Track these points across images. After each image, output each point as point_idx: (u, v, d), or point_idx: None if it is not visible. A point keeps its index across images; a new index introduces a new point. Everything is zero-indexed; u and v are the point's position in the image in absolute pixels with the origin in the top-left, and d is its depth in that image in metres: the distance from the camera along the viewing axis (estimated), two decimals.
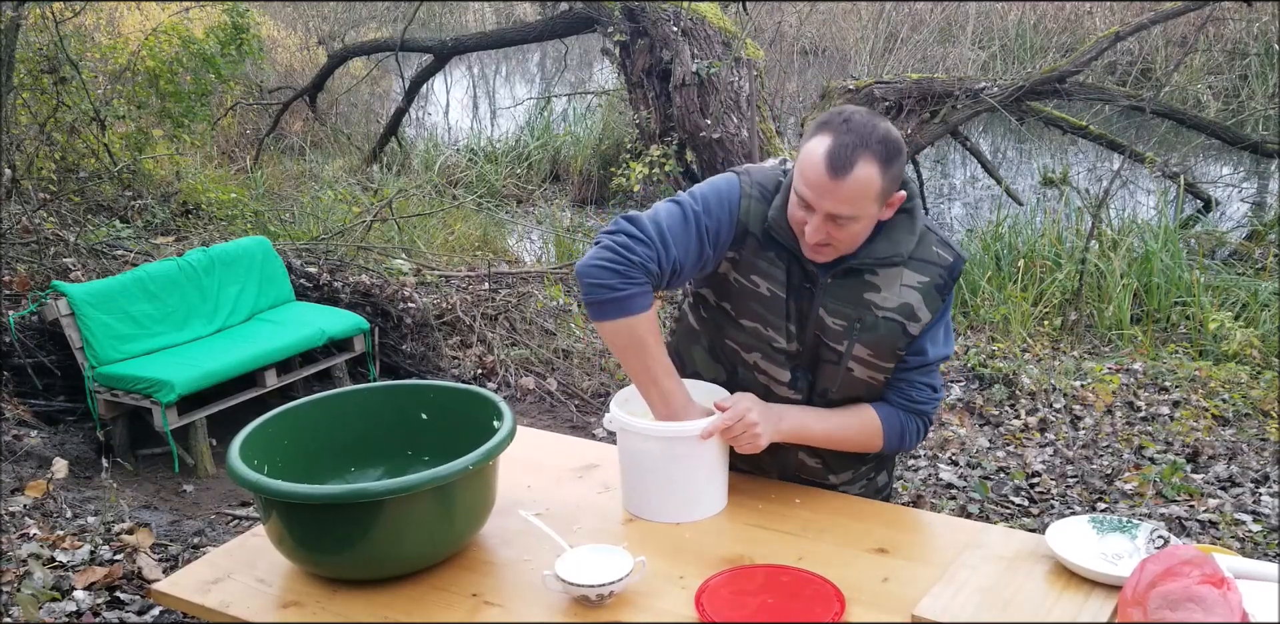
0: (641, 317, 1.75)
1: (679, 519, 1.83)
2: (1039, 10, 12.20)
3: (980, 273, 5.68)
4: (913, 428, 1.89)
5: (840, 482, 2.00)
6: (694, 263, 1.79)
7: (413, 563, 1.66)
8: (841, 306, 1.79)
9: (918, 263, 1.80)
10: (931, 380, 1.88)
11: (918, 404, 1.87)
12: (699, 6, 6.13)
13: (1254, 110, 8.94)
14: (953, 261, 1.82)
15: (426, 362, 4.80)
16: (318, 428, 1.87)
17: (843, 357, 1.82)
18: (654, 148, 6.24)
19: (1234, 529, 3.31)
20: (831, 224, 1.68)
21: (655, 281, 1.76)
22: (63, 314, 3.91)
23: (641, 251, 1.73)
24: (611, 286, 1.72)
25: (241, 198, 6.37)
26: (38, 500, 3.27)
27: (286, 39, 11.85)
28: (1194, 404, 4.24)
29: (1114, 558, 1.63)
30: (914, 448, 2.17)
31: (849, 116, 1.66)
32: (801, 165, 1.68)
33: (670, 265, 1.75)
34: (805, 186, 1.67)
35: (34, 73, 5.61)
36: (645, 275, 1.73)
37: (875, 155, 1.63)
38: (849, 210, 1.66)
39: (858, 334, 1.79)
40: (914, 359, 1.84)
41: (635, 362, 1.79)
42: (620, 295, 1.73)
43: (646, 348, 1.77)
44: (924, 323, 1.80)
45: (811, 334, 1.82)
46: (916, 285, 1.79)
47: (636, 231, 1.75)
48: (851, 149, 1.62)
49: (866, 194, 1.65)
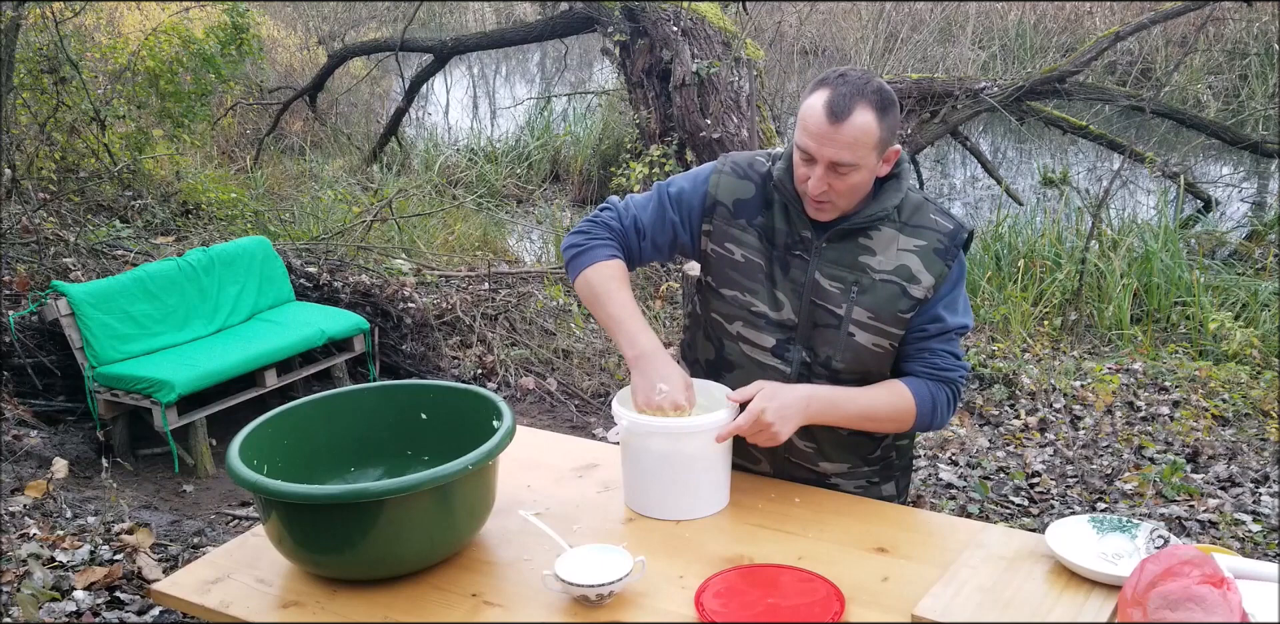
0: (603, 264, 1.91)
1: (682, 516, 1.83)
2: (1039, 10, 12.19)
3: (980, 273, 5.68)
4: (943, 397, 1.88)
5: (835, 472, 1.99)
6: (655, 223, 1.94)
7: (413, 563, 1.66)
8: (837, 270, 1.84)
9: (914, 228, 1.84)
10: (953, 348, 1.89)
11: (943, 372, 1.87)
12: (699, 6, 6.12)
13: (1254, 110, 8.94)
14: (953, 228, 1.85)
15: (426, 362, 4.80)
16: (318, 428, 1.87)
17: (843, 320, 1.84)
18: (654, 148, 6.24)
19: (1234, 529, 3.31)
20: (833, 174, 1.74)
21: (617, 238, 1.95)
22: (63, 314, 3.91)
23: (605, 215, 1.98)
24: (576, 244, 1.95)
25: (241, 198, 6.37)
26: (38, 500, 3.27)
27: (286, 39, 11.84)
28: (1194, 404, 4.24)
29: (1114, 558, 1.63)
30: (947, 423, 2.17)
31: (844, 72, 1.75)
32: (802, 118, 1.75)
33: (631, 222, 1.94)
34: (807, 137, 1.73)
35: (34, 73, 5.61)
36: (606, 231, 1.95)
37: (871, 103, 1.70)
38: (850, 156, 1.71)
39: (855, 296, 1.83)
40: (933, 327, 1.85)
41: (599, 308, 1.91)
42: (583, 248, 1.93)
43: (610, 292, 1.89)
44: (926, 286, 1.82)
45: (808, 300, 1.85)
46: (913, 248, 1.83)
47: (605, 205, 2.00)
48: (849, 98, 1.70)
49: (866, 141, 1.71)
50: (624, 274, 1.92)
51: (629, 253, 1.95)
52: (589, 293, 1.91)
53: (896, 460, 2.04)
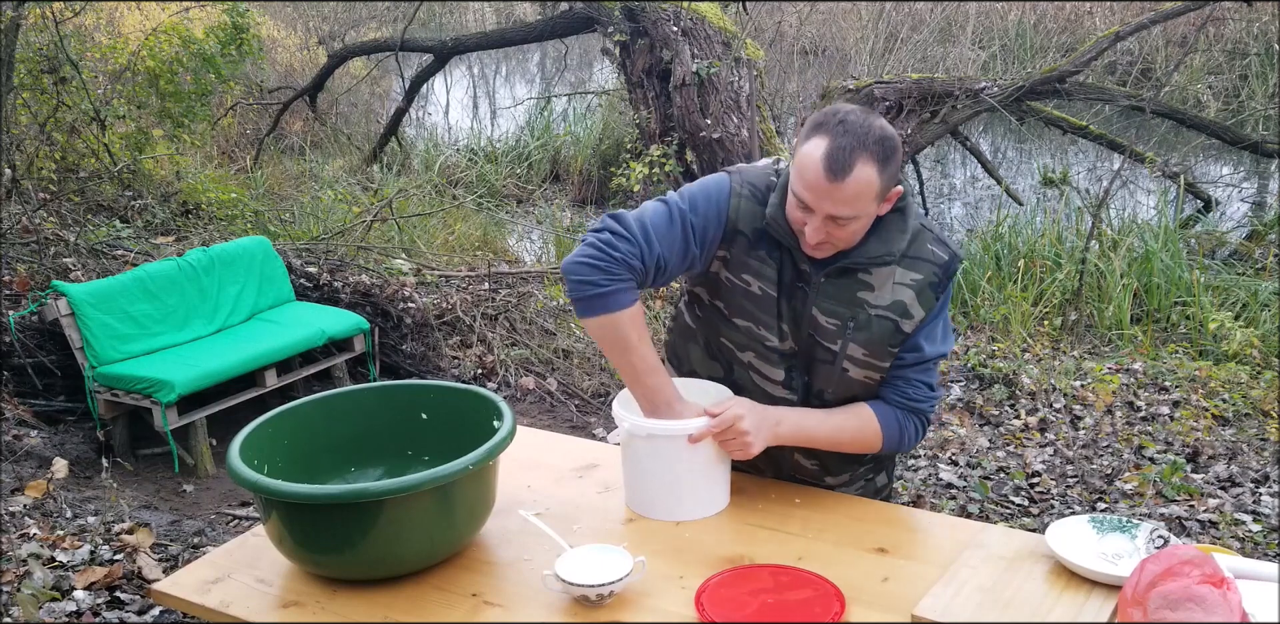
0: (624, 313, 1.75)
1: (684, 518, 1.83)
2: (1039, 10, 12.19)
3: (980, 273, 5.68)
4: (911, 427, 1.88)
5: (838, 484, 2.00)
6: (679, 260, 1.80)
7: (413, 563, 1.66)
8: (835, 306, 1.80)
9: (911, 260, 1.80)
10: (928, 379, 1.87)
11: (915, 403, 1.86)
12: (699, 6, 6.12)
13: (1254, 110, 8.94)
14: (948, 260, 1.81)
15: (426, 362, 4.80)
16: (318, 428, 1.87)
17: (837, 356, 1.82)
18: (654, 148, 6.24)
19: (1234, 529, 3.31)
20: (832, 224, 1.69)
21: (639, 278, 1.77)
22: (63, 314, 3.91)
23: (624, 248, 1.74)
24: (594, 283, 1.73)
25: (241, 198, 6.37)
26: (38, 500, 3.27)
27: (286, 39, 11.84)
28: (1194, 404, 4.24)
29: (1114, 558, 1.63)
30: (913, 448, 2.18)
31: (844, 117, 1.66)
32: (799, 168, 1.68)
33: (654, 262, 1.76)
34: (805, 190, 1.67)
35: (34, 73, 5.60)
36: (628, 271, 1.74)
37: (873, 156, 1.63)
38: (849, 211, 1.66)
39: (851, 333, 1.79)
40: (910, 356, 1.83)
41: (619, 358, 1.80)
42: (603, 291, 1.73)
43: (630, 344, 1.77)
44: (917, 320, 1.80)
45: (806, 334, 1.82)
46: (910, 283, 1.79)
47: (620, 229, 1.76)
48: (849, 151, 1.62)
49: (866, 195, 1.66)
50: (643, 319, 1.81)
51: (642, 287, 1.84)
52: (606, 338, 1.79)
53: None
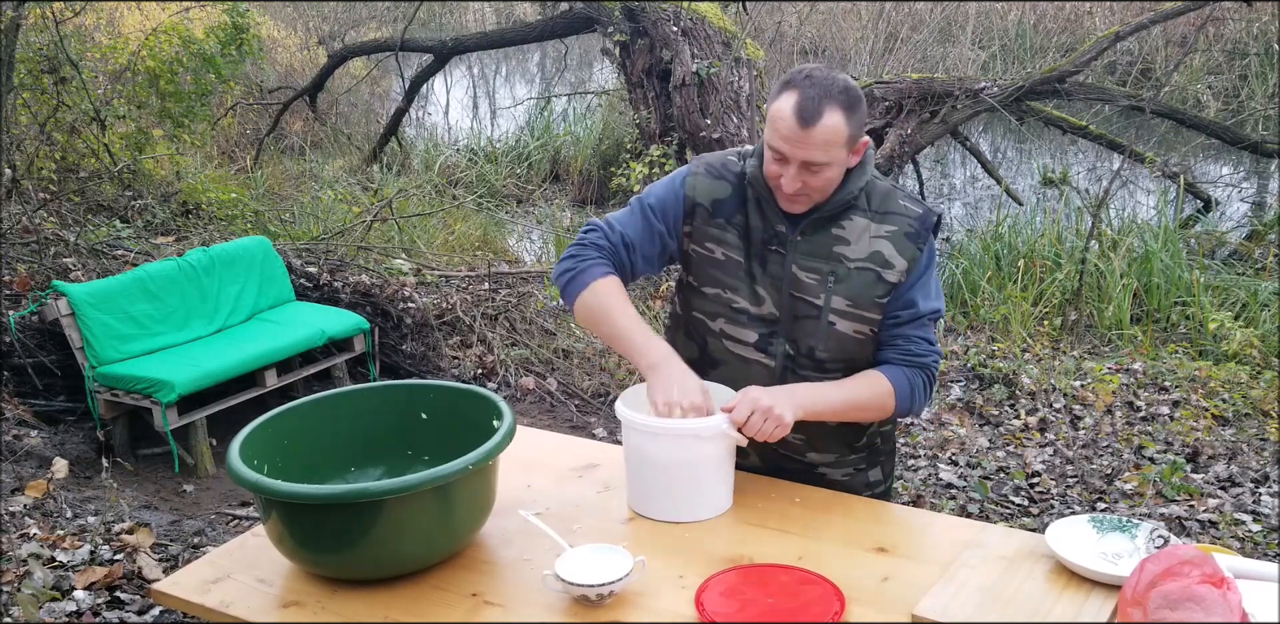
0: (599, 281, 1.89)
1: (687, 518, 1.83)
2: (1039, 10, 12.19)
3: (980, 273, 5.68)
4: (919, 382, 1.92)
5: (823, 462, 2.01)
6: (645, 238, 1.95)
7: (412, 563, 1.66)
8: (813, 261, 1.88)
9: (884, 215, 1.90)
10: (926, 334, 1.93)
11: (918, 357, 1.91)
12: (699, 6, 6.12)
13: (1254, 110, 8.94)
14: (922, 212, 1.90)
15: (426, 362, 4.80)
16: (318, 428, 1.87)
17: (822, 310, 1.88)
18: (654, 148, 6.24)
19: (1234, 529, 3.31)
20: (806, 172, 1.79)
21: (608, 256, 1.93)
22: (63, 314, 3.91)
23: (590, 236, 1.96)
24: (569, 269, 1.93)
25: (241, 198, 6.37)
26: (38, 500, 3.27)
27: (286, 39, 11.84)
28: (1194, 404, 4.24)
29: (1114, 558, 1.63)
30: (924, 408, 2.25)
31: (809, 73, 1.79)
32: (772, 121, 1.80)
33: (619, 238, 1.94)
34: (780, 141, 1.78)
35: (34, 73, 5.60)
36: (596, 251, 1.94)
37: (840, 104, 1.75)
38: (822, 156, 1.77)
39: (832, 286, 1.86)
40: (905, 313, 1.89)
41: (606, 325, 1.89)
42: (576, 271, 1.91)
43: (612, 307, 1.88)
44: (899, 269, 1.86)
45: (787, 294, 1.89)
46: (885, 234, 1.88)
47: (588, 227, 1.99)
48: (818, 101, 1.75)
49: (836, 140, 1.76)
50: (621, 289, 1.90)
51: (622, 269, 1.95)
52: (589, 313, 1.89)
53: (881, 445, 2.09)
